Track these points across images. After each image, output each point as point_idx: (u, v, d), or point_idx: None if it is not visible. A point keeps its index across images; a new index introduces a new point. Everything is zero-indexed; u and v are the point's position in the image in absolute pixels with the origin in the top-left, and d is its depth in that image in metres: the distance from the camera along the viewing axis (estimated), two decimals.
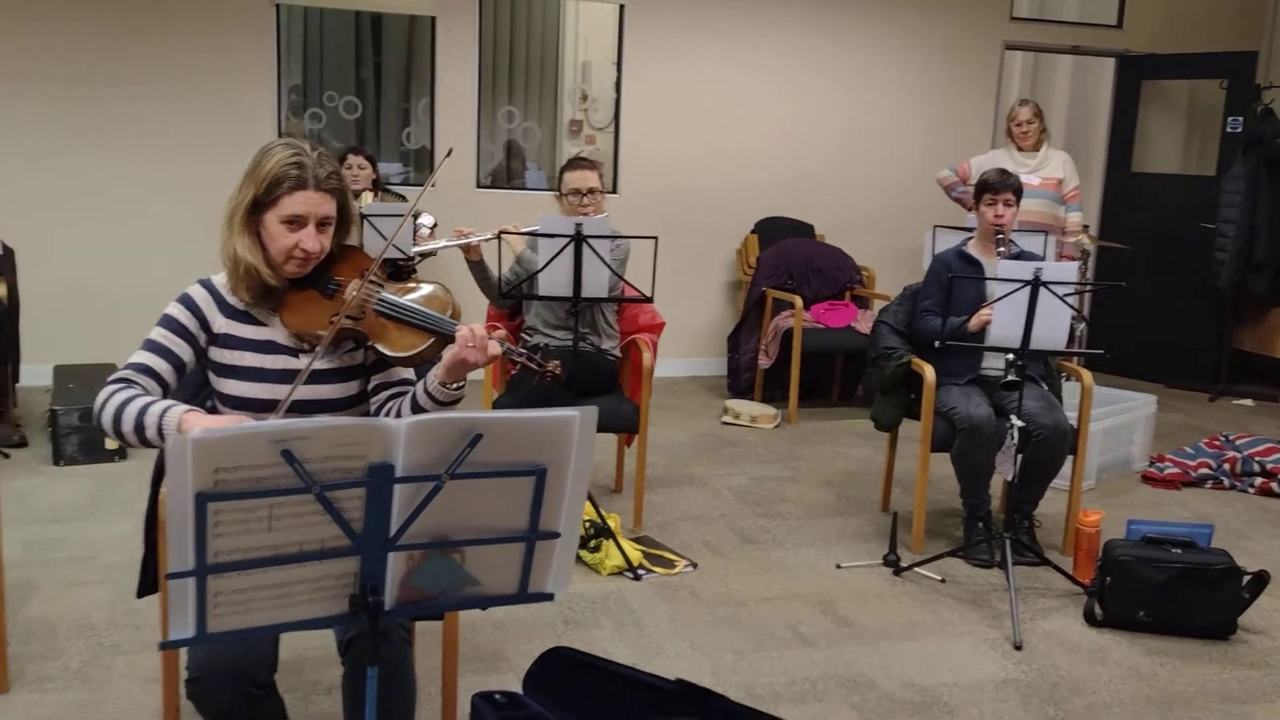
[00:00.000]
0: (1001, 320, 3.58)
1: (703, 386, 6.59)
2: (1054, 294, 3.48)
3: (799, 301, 5.77)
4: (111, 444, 4.66)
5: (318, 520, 1.44)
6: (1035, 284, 3.48)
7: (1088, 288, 3.53)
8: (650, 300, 3.84)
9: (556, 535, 1.62)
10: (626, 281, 3.94)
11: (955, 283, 3.83)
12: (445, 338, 2.12)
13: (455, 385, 2.11)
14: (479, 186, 6.48)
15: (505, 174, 7.28)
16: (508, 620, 3.28)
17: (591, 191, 4.00)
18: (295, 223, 2.11)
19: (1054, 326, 3.55)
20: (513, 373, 2.12)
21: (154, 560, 2.39)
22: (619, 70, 6.55)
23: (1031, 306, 3.50)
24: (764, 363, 6.00)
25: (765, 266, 6.13)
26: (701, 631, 3.30)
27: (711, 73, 6.65)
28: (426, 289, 2.22)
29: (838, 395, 6.31)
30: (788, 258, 6.14)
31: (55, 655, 2.93)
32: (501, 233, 3.79)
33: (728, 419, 5.74)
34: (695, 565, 3.80)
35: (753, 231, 6.65)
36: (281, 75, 6.04)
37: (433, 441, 1.46)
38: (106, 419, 2.00)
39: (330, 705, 2.76)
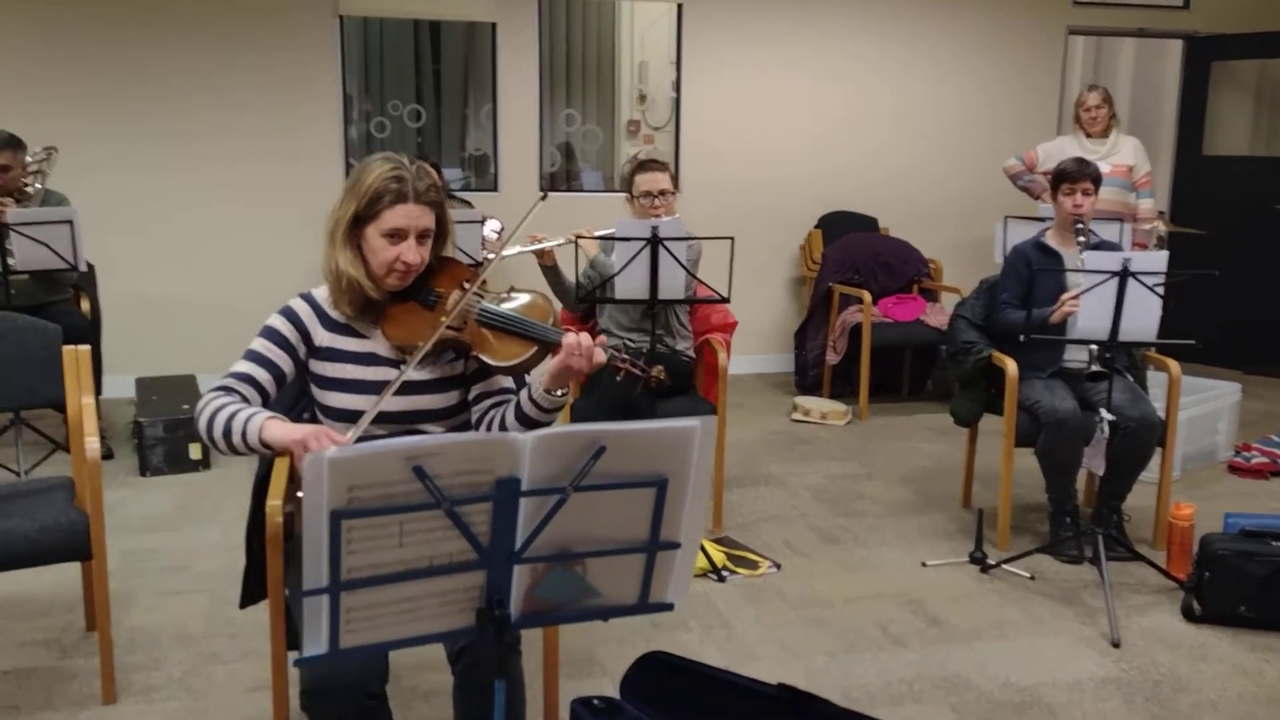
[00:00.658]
0: (1089, 311, 3.51)
1: (768, 384, 6.55)
2: (1144, 285, 3.41)
3: (867, 296, 5.72)
4: (196, 454, 4.74)
5: (446, 535, 1.45)
6: (1124, 274, 3.41)
7: (1178, 278, 3.45)
8: (727, 300, 3.83)
9: (677, 545, 1.62)
10: (701, 281, 3.92)
11: (1037, 275, 3.77)
12: (548, 345, 2.13)
13: (560, 392, 2.11)
14: (541, 190, 6.51)
15: (564, 176, 7.31)
16: (596, 624, 3.29)
17: (663, 193, 3.99)
18: (396, 236, 2.13)
19: (1143, 317, 3.48)
20: (618, 379, 2.12)
21: (255, 571, 2.43)
22: (678, 69, 6.53)
23: (1120, 297, 3.44)
24: (832, 359, 5.95)
25: (831, 261, 6.08)
26: (790, 633, 3.28)
27: (771, 69, 6.61)
28: (526, 298, 2.23)
29: (907, 390, 6.24)
30: (854, 252, 6.09)
31: (158, 665, 2.99)
32: (577, 238, 3.79)
33: (798, 416, 5.71)
34: (779, 566, 3.78)
35: (816, 226, 6.60)
36: (346, 85, 6.11)
37: (557, 455, 1.46)
38: (202, 425, 2.06)
39: (429, 711, 2.78)
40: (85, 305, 5.01)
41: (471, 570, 1.50)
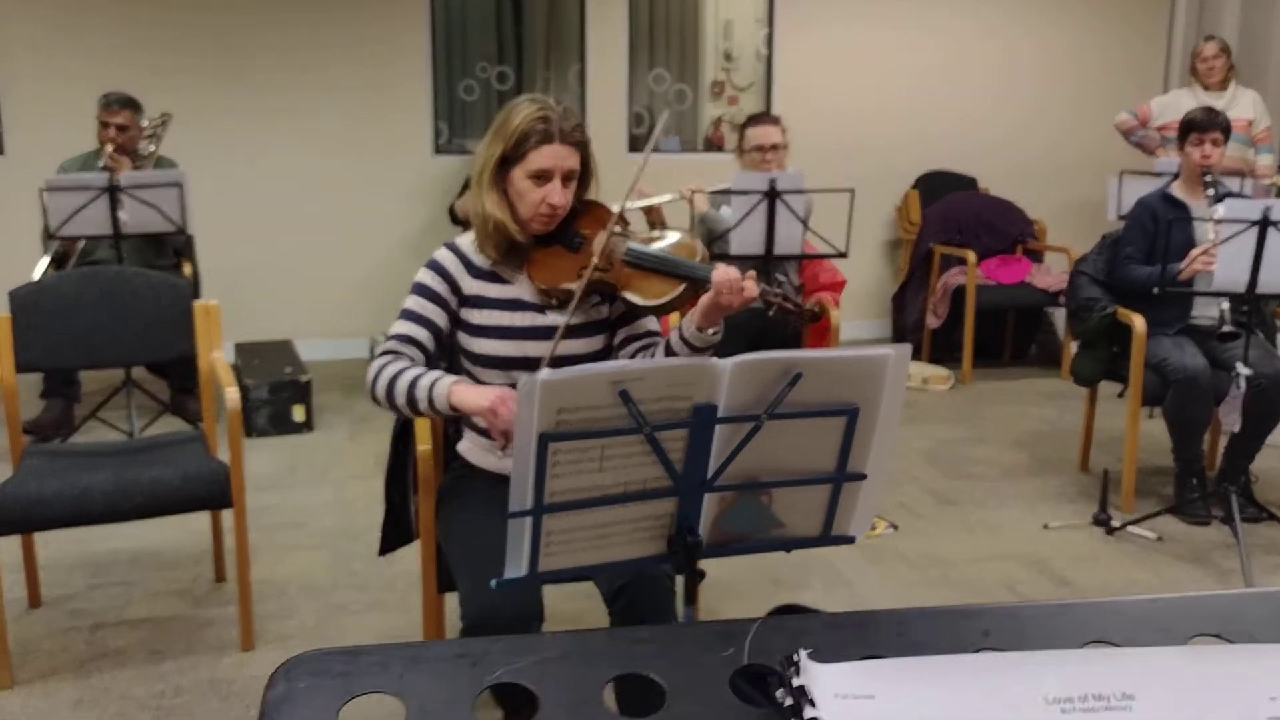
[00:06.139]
0: (1225, 263, 3.38)
1: None
2: None
3: (971, 257, 5.58)
4: (299, 416, 4.79)
5: (643, 461, 1.42)
6: (1264, 223, 3.28)
7: None
8: (844, 255, 3.75)
9: (863, 477, 1.57)
10: (815, 233, 3.85)
11: (1165, 228, 3.63)
12: (697, 283, 2.09)
13: (712, 330, 2.08)
14: (630, 151, 6.47)
15: (647, 140, 7.23)
16: (713, 581, 3.26)
17: (775, 147, 3.93)
18: (542, 177, 2.11)
19: None
20: (769, 314, 2.09)
21: (394, 519, 2.43)
22: (770, 27, 6.42)
23: (1259, 248, 3.30)
24: (933, 323, 5.83)
25: (932, 222, 5.95)
26: (916, 592, 3.22)
27: (863, 26, 6.47)
28: (673, 237, 2.20)
29: (1010, 354, 6.10)
30: (955, 212, 5.95)
31: (289, 615, 3.02)
32: (692, 193, 3.75)
33: None
34: (895, 527, 3.72)
35: (913, 187, 6.46)
36: (436, 47, 6.11)
37: (754, 381, 1.42)
38: (380, 392, 2.07)
39: None
40: (188, 270, 5.08)
41: (664, 497, 1.47)
